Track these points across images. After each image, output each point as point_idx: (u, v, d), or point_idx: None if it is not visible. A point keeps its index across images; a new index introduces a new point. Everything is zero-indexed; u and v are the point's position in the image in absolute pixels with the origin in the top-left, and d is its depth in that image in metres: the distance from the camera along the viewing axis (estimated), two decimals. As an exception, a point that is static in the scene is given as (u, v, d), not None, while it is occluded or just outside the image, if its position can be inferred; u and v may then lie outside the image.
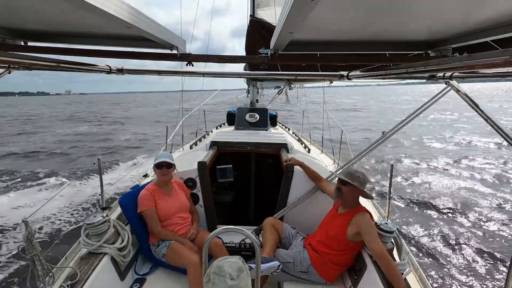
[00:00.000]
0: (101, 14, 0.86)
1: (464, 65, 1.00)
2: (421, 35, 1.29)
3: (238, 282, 1.10)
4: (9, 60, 1.24)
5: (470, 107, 1.40)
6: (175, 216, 2.27)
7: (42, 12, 1.05)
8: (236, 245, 2.45)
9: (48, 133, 19.19)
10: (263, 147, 3.03)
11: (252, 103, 5.38)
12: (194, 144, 3.97)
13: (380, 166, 9.11)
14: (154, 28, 1.19)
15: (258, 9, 5.34)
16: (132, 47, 1.54)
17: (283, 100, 5.76)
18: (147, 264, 2.26)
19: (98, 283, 1.66)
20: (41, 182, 8.07)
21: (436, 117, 21.99)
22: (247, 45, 4.32)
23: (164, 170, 2.24)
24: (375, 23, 1.10)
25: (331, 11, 0.93)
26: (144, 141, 14.63)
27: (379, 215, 2.66)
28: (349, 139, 4.86)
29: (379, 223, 1.94)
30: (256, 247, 1.28)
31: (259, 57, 1.58)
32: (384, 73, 1.69)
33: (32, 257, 1.40)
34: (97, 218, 1.86)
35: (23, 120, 30.04)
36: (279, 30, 1.10)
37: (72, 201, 6.52)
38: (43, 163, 10.64)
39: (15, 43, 1.41)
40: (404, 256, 1.86)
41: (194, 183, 2.64)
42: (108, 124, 24.04)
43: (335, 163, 4.12)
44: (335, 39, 1.41)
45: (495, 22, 0.99)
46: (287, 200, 2.57)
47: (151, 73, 2.22)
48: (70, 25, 1.26)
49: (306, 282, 2.03)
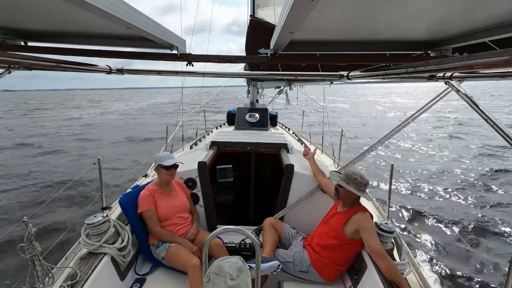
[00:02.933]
0: (101, 14, 0.86)
1: (464, 65, 1.00)
2: (421, 35, 1.29)
3: (238, 282, 1.10)
4: (9, 60, 1.24)
5: (470, 107, 1.40)
6: (175, 216, 2.27)
7: (42, 12, 1.05)
8: (236, 245, 2.45)
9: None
10: (263, 147, 3.03)
11: (252, 103, 5.38)
12: (194, 144, 3.97)
13: (379, 166, 9.11)
14: (154, 28, 1.19)
15: (258, 9, 5.34)
16: (132, 47, 1.54)
17: (284, 100, 5.76)
18: (147, 264, 2.26)
19: (98, 283, 1.66)
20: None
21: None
22: (247, 45, 4.32)
23: (172, 170, 2.27)
24: (375, 23, 1.10)
25: (331, 11, 0.93)
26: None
27: (379, 215, 2.66)
28: (348, 139, 4.86)
29: (379, 223, 1.94)
30: (256, 247, 1.28)
31: (259, 57, 1.58)
32: (384, 73, 1.69)
33: (32, 257, 1.39)
34: (97, 218, 1.86)
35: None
36: (279, 30, 1.10)
37: (72, 201, 6.53)
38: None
39: (15, 43, 1.41)
40: (404, 256, 1.86)
41: (194, 183, 2.64)
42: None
43: (335, 163, 4.11)
44: (335, 39, 1.41)
45: (495, 22, 0.99)
46: (287, 200, 2.57)
47: (151, 73, 2.22)
48: (70, 25, 1.26)
49: (306, 282, 2.03)
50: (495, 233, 5.09)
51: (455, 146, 12.45)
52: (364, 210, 1.95)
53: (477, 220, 5.57)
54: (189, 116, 5.78)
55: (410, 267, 1.80)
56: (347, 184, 1.92)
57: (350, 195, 1.95)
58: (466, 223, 5.46)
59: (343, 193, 1.98)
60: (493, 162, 9.69)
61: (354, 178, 1.92)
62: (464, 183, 7.63)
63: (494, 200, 6.49)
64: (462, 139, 13.77)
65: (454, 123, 19.12)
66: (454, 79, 1.45)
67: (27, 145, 13.41)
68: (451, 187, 7.34)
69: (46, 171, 9.17)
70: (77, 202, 6.52)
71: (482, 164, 9.44)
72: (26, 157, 11.23)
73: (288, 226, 2.40)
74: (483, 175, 8.31)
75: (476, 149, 11.59)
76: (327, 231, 2.02)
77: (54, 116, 27.37)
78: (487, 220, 5.53)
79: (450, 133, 15.28)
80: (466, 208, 6.09)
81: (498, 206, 6.19)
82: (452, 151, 11.39)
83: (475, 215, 5.76)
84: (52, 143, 14.07)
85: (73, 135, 16.38)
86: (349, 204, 2.00)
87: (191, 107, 7.16)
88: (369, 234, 1.80)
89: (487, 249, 4.60)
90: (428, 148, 12.04)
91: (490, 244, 4.74)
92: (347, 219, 1.92)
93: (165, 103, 45.12)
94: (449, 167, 9.14)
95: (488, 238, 4.95)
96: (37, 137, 16.14)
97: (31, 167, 9.62)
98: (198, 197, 2.67)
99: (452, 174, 8.51)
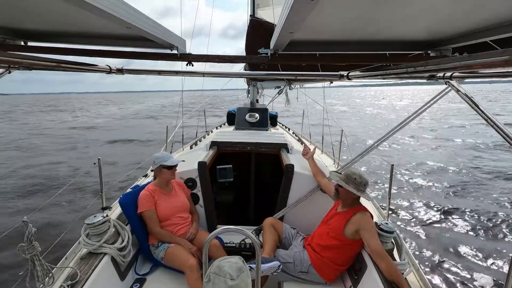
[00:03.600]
0: (101, 14, 0.86)
1: (464, 65, 1.00)
2: (421, 35, 1.29)
3: (238, 282, 1.10)
4: (9, 60, 1.23)
5: (470, 107, 1.40)
6: (175, 216, 2.27)
7: (42, 12, 1.05)
8: (236, 245, 2.45)
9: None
10: (263, 147, 3.03)
11: (252, 103, 5.38)
12: (194, 144, 3.97)
13: (380, 166, 9.11)
14: (154, 28, 1.19)
15: (258, 9, 5.34)
16: (132, 47, 1.54)
17: (284, 100, 5.76)
18: (147, 264, 2.26)
19: (98, 283, 1.66)
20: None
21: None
22: (247, 45, 4.32)
23: (173, 170, 2.28)
24: (375, 23, 1.10)
25: (331, 11, 0.93)
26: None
27: (379, 215, 2.66)
28: (348, 139, 4.86)
29: (379, 223, 1.94)
30: (256, 247, 1.28)
31: (259, 57, 1.58)
32: (384, 73, 1.69)
33: (31, 258, 1.39)
34: (97, 218, 1.86)
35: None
36: (279, 30, 1.10)
37: (72, 201, 6.54)
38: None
39: (15, 43, 1.41)
40: (404, 256, 1.86)
41: (194, 183, 2.64)
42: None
43: (335, 163, 4.11)
44: (335, 39, 1.41)
45: (495, 22, 0.99)
46: (287, 200, 2.57)
47: (151, 73, 2.22)
48: (70, 25, 1.26)
49: (306, 282, 2.03)
50: (496, 233, 5.09)
51: (455, 146, 12.46)
52: (364, 210, 1.95)
53: (477, 219, 5.57)
54: (189, 117, 5.77)
55: (410, 267, 1.80)
56: (346, 184, 1.92)
57: (350, 195, 1.95)
58: (467, 223, 5.46)
59: (343, 193, 1.98)
60: (493, 162, 9.69)
61: (354, 178, 1.92)
62: (465, 183, 7.63)
63: (494, 200, 6.49)
64: (462, 139, 13.78)
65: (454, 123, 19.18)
66: (454, 79, 1.45)
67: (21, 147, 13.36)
68: (451, 187, 7.35)
69: (46, 172, 9.18)
70: (77, 202, 6.52)
71: (483, 164, 9.44)
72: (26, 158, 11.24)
73: (288, 226, 2.40)
74: (483, 175, 8.32)
75: (476, 149, 11.60)
76: (327, 232, 2.02)
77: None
78: (488, 220, 5.53)
79: (451, 133, 15.31)
80: (466, 208, 6.08)
81: (498, 206, 6.19)
82: (451, 151, 11.39)
83: (475, 214, 5.76)
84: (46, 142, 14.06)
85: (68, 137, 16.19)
86: (349, 204, 2.00)
87: (190, 107, 7.16)
88: (369, 234, 1.80)
89: (487, 249, 4.60)
90: (428, 148, 12.05)
91: (490, 244, 4.74)
92: (348, 219, 1.92)
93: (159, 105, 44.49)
94: (448, 167, 9.14)
95: (488, 238, 4.95)
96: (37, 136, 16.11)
97: (32, 167, 9.64)
98: (198, 197, 2.67)
99: (452, 174, 8.52)
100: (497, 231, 5.14)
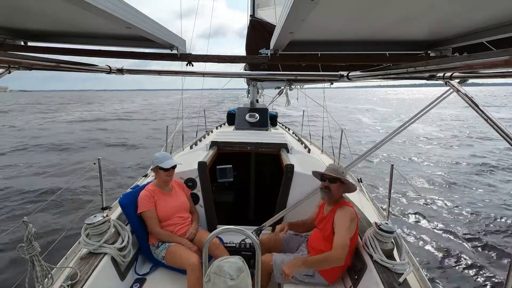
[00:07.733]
0: (101, 14, 0.86)
1: (464, 65, 1.00)
2: (421, 35, 1.29)
3: (238, 282, 1.10)
4: (9, 60, 1.23)
5: (470, 107, 1.40)
6: (175, 216, 2.27)
7: (42, 12, 1.05)
8: (236, 245, 2.45)
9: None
10: (263, 147, 3.03)
11: (252, 103, 5.38)
12: (194, 144, 3.97)
13: (380, 166, 9.11)
14: (154, 28, 1.19)
15: (258, 9, 5.34)
16: (132, 47, 1.54)
17: (284, 101, 5.75)
18: (147, 264, 2.26)
19: (98, 283, 1.66)
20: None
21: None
22: (247, 45, 4.32)
23: (171, 171, 2.27)
24: (375, 23, 1.10)
25: (331, 11, 0.93)
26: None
27: (379, 215, 2.66)
28: (348, 139, 4.85)
29: (379, 223, 1.94)
30: (256, 247, 1.28)
31: (259, 57, 1.58)
32: (384, 73, 1.69)
33: (31, 258, 1.39)
34: (97, 218, 1.86)
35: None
36: (279, 30, 1.10)
37: (72, 201, 6.53)
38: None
39: (15, 43, 1.41)
40: (404, 256, 1.86)
41: (194, 183, 2.64)
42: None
43: (335, 163, 4.11)
44: (335, 39, 1.41)
45: (495, 22, 0.99)
46: (287, 200, 2.57)
47: (151, 73, 2.22)
48: (70, 25, 1.26)
49: (308, 284, 2.02)
50: (496, 233, 5.09)
51: (456, 145, 12.46)
52: (346, 204, 1.98)
53: (477, 219, 5.57)
54: (189, 117, 5.77)
55: (410, 267, 1.80)
56: (341, 176, 1.96)
57: (341, 188, 2.00)
58: (467, 223, 5.46)
59: (335, 189, 1.99)
60: (493, 161, 9.69)
61: (342, 172, 1.99)
62: (465, 183, 7.63)
63: (494, 200, 6.49)
64: (463, 139, 13.78)
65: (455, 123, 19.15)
66: (454, 79, 1.45)
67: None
68: (452, 187, 7.35)
69: (46, 171, 9.18)
70: (77, 202, 6.52)
71: (483, 163, 9.44)
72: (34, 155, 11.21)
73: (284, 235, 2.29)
74: (483, 174, 8.32)
75: (476, 149, 11.59)
76: (322, 236, 2.04)
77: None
78: (488, 220, 5.53)
79: (453, 134, 15.30)
80: (466, 207, 6.08)
81: (498, 205, 6.19)
82: (452, 151, 11.39)
83: (475, 214, 5.76)
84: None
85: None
86: (335, 200, 2.03)
87: (190, 109, 7.17)
88: (339, 227, 1.86)
89: (487, 249, 4.60)
90: (429, 148, 12.04)
91: (490, 244, 4.73)
92: (332, 222, 1.95)
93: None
94: (449, 167, 9.14)
95: (488, 238, 4.95)
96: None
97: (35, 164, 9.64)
98: (198, 197, 2.67)
99: (453, 173, 8.51)
100: (498, 231, 5.14)
